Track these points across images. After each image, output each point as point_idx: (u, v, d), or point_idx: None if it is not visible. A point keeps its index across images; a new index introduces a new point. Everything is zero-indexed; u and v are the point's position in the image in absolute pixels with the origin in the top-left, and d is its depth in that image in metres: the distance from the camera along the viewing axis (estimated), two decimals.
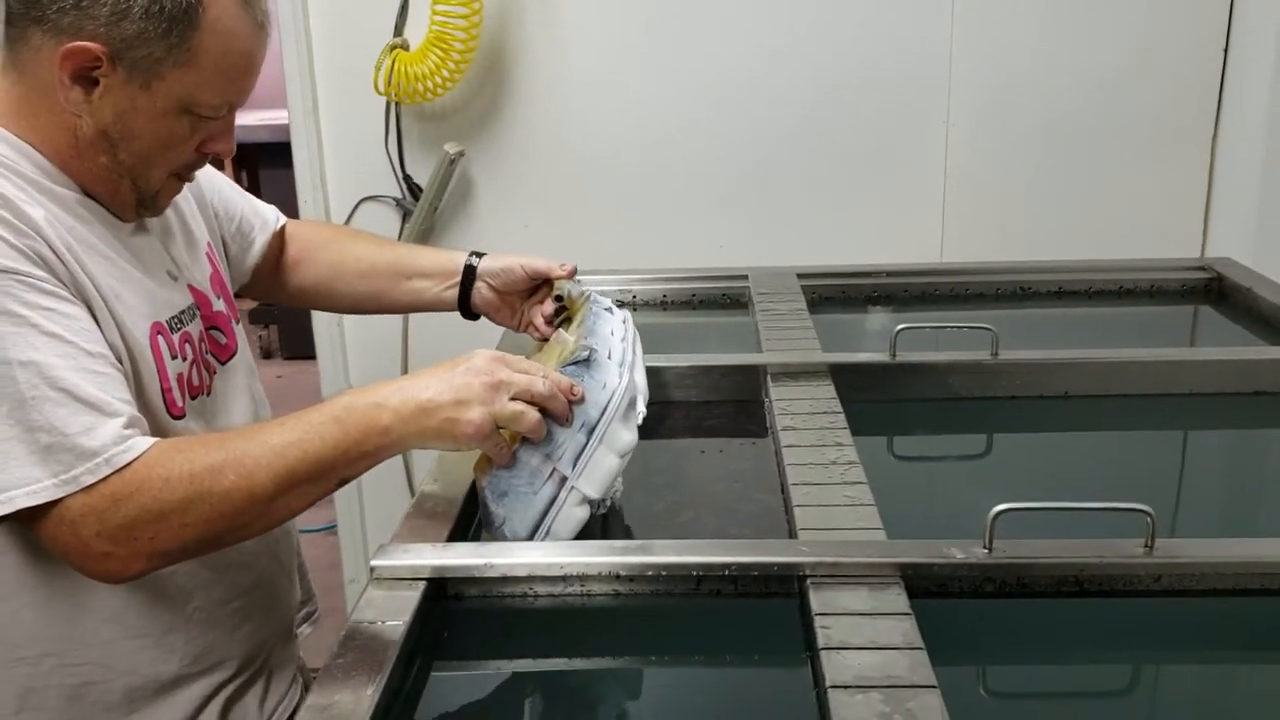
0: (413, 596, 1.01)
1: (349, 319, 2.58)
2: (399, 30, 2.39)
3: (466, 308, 1.47)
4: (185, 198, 1.26)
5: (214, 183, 1.37)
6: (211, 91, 1.07)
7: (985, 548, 1.01)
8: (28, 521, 0.98)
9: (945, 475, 1.45)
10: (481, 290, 1.45)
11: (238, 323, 1.29)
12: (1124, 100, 2.42)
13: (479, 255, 1.46)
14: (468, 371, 1.05)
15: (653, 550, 1.07)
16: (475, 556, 1.06)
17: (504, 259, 1.45)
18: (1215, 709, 1.00)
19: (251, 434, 1.04)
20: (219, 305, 1.25)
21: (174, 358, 1.12)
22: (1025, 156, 2.46)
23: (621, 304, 1.41)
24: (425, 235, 2.54)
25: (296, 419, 1.04)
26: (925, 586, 1.01)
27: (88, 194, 1.09)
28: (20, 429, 0.95)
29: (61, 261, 1.01)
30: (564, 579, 1.05)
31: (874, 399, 1.49)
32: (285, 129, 2.53)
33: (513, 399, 1.05)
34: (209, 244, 1.30)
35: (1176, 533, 1.16)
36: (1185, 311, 1.97)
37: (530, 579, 1.05)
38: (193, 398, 1.15)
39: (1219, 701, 1.01)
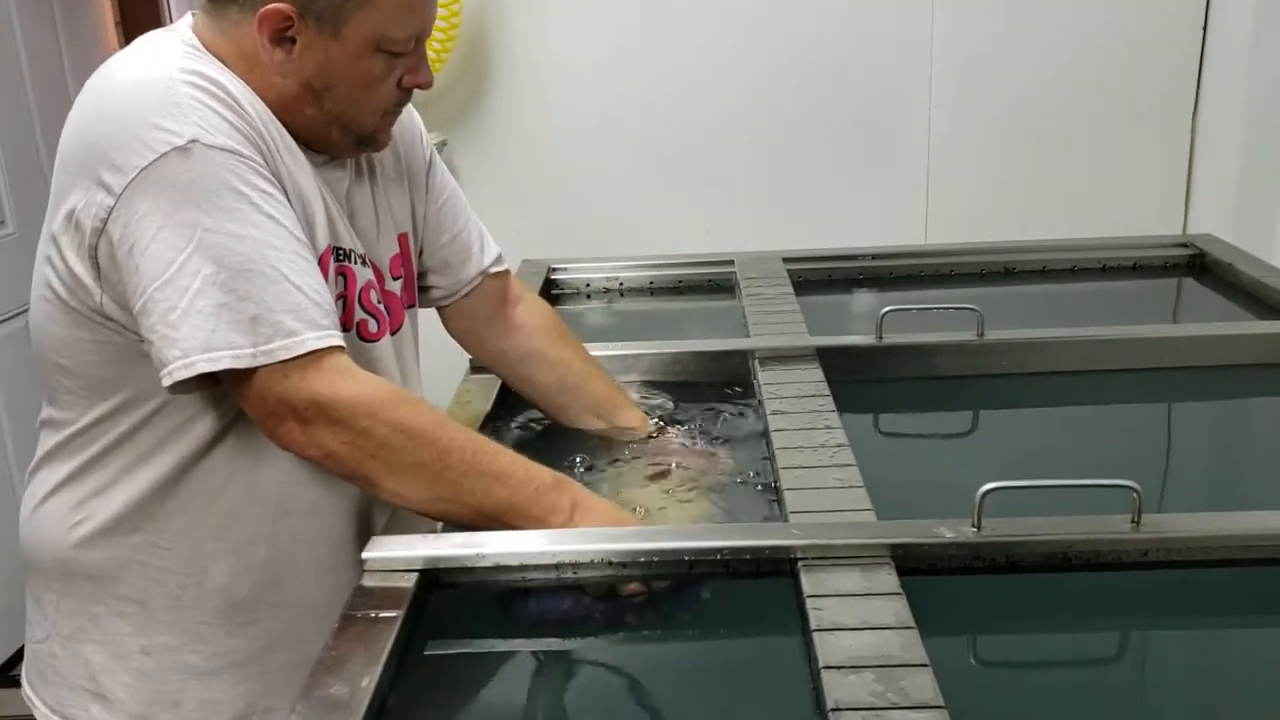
0: (406, 587, 1.01)
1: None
2: None
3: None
4: (387, 173, 1.27)
5: (448, 186, 1.38)
6: (396, 25, 1.10)
7: (974, 526, 1.02)
8: (233, 384, 1.03)
9: (933, 455, 1.46)
10: None
11: (409, 306, 1.30)
12: (1105, 80, 2.42)
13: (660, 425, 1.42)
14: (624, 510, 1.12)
15: (645, 536, 1.07)
16: (467, 546, 1.06)
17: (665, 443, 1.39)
18: (1201, 679, 1.01)
19: (469, 437, 1.09)
20: (393, 285, 1.26)
21: (333, 284, 1.14)
22: (1008, 137, 2.46)
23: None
24: None
25: (522, 464, 1.09)
26: (916, 566, 1.02)
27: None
28: (233, 297, 1.00)
29: (272, 155, 1.08)
30: (557, 566, 1.05)
31: (861, 381, 1.50)
32: None
33: None
34: (407, 234, 1.31)
35: (1162, 507, 1.17)
36: (1168, 287, 1.98)
37: (523, 567, 1.05)
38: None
39: (1205, 671, 1.02)
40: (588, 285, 1.97)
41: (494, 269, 1.41)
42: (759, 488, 1.24)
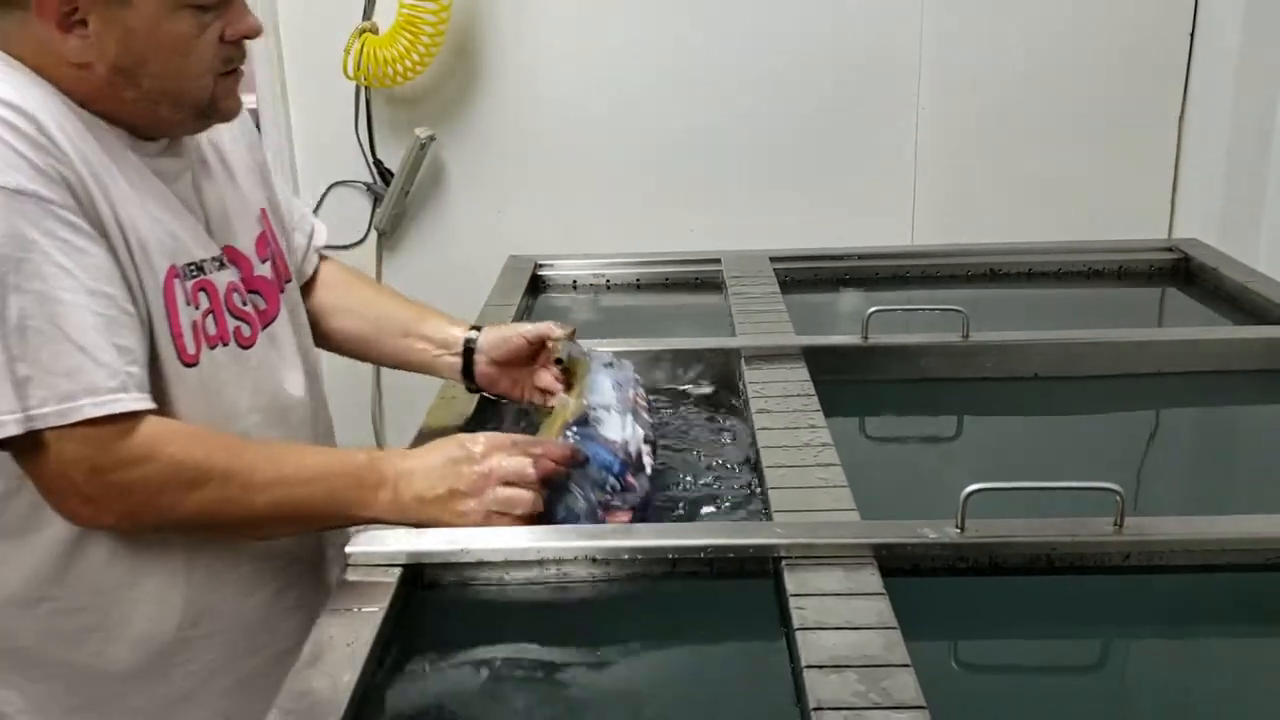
0: (389, 583, 1.01)
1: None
2: (368, 14, 2.37)
3: (471, 383, 1.40)
4: (236, 159, 1.23)
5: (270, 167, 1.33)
6: None
7: (958, 527, 1.02)
8: (16, 450, 0.98)
9: (918, 456, 1.46)
10: (482, 364, 1.38)
11: (285, 288, 1.25)
12: (1092, 82, 2.43)
13: (478, 329, 1.39)
14: (460, 461, 1.06)
15: (628, 533, 1.07)
16: (451, 542, 1.06)
17: (501, 330, 1.39)
18: (1182, 683, 1.02)
19: (271, 451, 1.06)
20: (262, 270, 1.21)
21: (188, 304, 1.08)
22: (996, 139, 2.47)
23: (621, 357, 1.39)
24: (397, 220, 2.53)
25: (316, 456, 1.07)
26: (899, 566, 1.02)
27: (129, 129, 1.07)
28: (5, 356, 0.94)
29: (85, 188, 0.99)
30: (540, 563, 1.05)
31: (847, 381, 1.50)
32: (254, 113, 2.51)
33: (507, 483, 1.06)
34: (264, 209, 1.26)
35: (1145, 511, 1.17)
36: (1153, 292, 1.99)
37: (506, 564, 1.05)
38: (210, 347, 1.11)
39: (1184, 676, 1.02)
40: (574, 282, 1.96)
41: (318, 238, 1.40)
42: (741, 487, 1.24)
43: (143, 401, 1.00)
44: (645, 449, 1.18)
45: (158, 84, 1.04)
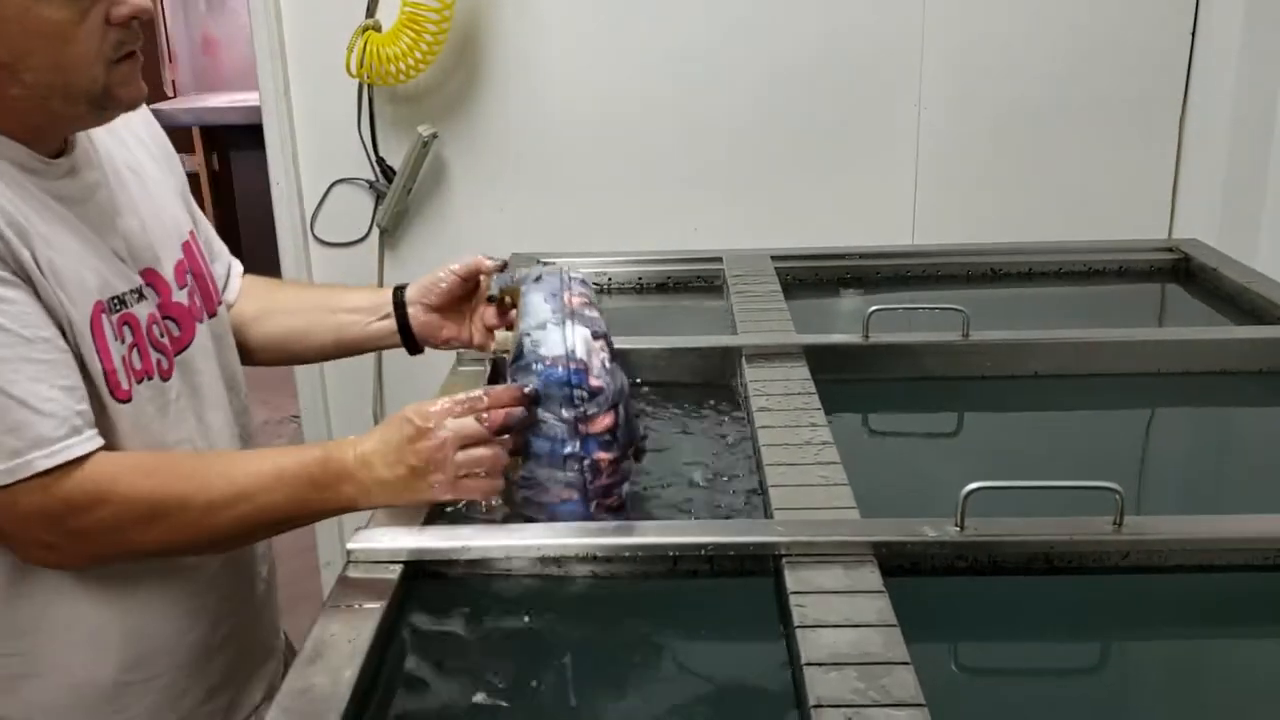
0: (390, 579, 1.01)
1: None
2: (371, 11, 2.37)
3: (412, 343, 1.36)
4: (156, 180, 1.19)
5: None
6: None
7: (957, 526, 1.03)
8: None
9: (918, 454, 1.47)
10: (417, 316, 1.33)
11: (211, 316, 1.22)
12: (1093, 83, 2.43)
13: (404, 286, 1.36)
14: (412, 439, 1.02)
15: (630, 531, 1.07)
16: (452, 539, 1.06)
17: (428, 276, 1.34)
18: (1181, 682, 1.02)
19: (223, 467, 1.05)
20: (179, 296, 1.17)
21: (116, 339, 1.06)
22: (996, 139, 2.47)
23: (549, 262, 1.32)
24: (399, 218, 2.53)
25: (269, 463, 1.04)
26: (898, 564, 1.02)
27: (20, 140, 1.01)
28: None
29: (4, 236, 0.96)
30: (541, 560, 1.05)
31: (847, 379, 1.50)
32: (256, 111, 2.51)
33: (464, 447, 1.03)
34: (191, 232, 1.23)
35: (1144, 510, 1.18)
36: (1153, 292, 1.99)
37: (507, 560, 1.05)
38: (138, 381, 1.09)
39: (1185, 675, 1.03)
40: None
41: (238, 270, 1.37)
42: (742, 484, 1.25)
43: (93, 440, 0.99)
44: (597, 345, 1.10)
45: (42, 77, 0.97)
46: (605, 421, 1.07)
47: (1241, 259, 1.91)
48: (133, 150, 1.19)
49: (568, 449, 1.07)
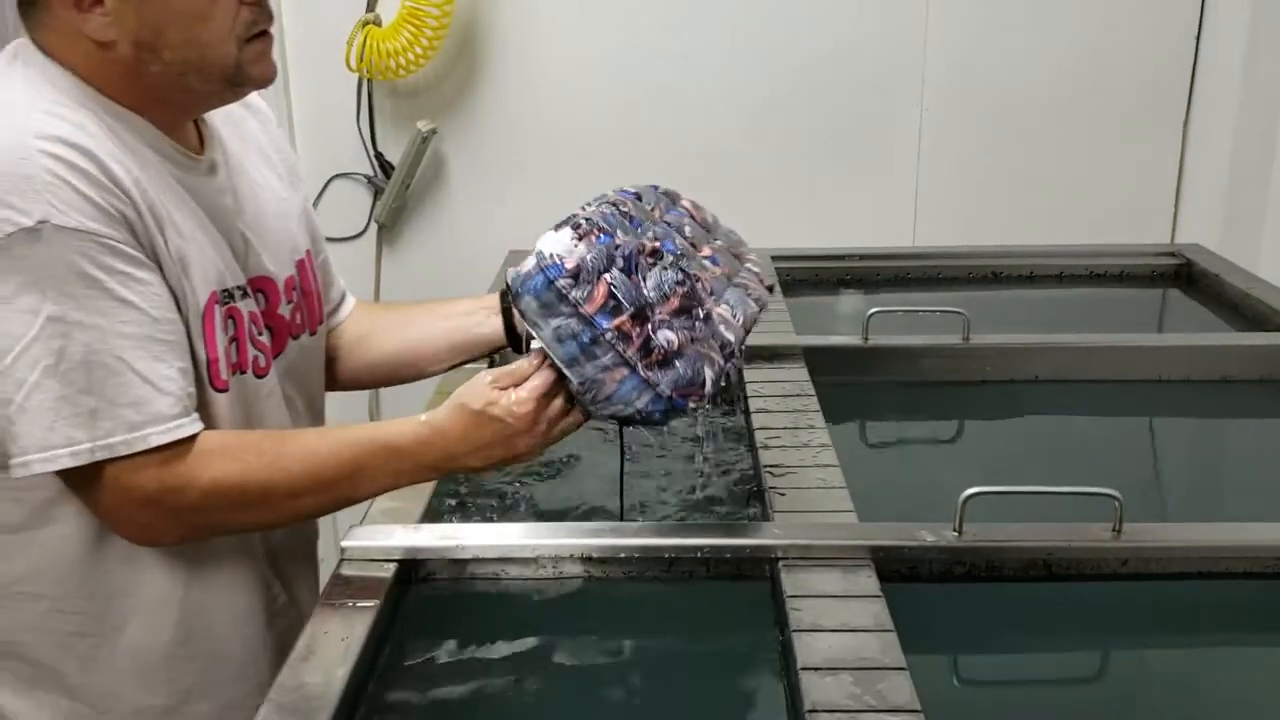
0: (384, 578, 1.00)
1: None
2: (371, 6, 2.37)
3: (518, 340, 1.31)
4: (276, 196, 1.22)
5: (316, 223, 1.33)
6: None
7: (955, 531, 1.02)
8: (74, 478, 1.00)
9: (917, 458, 1.46)
10: None
11: (309, 334, 1.24)
12: (1097, 87, 2.43)
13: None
14: (511, 435, 1.03)
15: (625, 532, 1.07)
16: (447, 538, 1.05)
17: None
18: (1179, 689, 1.01)
19: (305, 455, 1.06)
20: (284, 310, 1.20)
21: (222, 330, 1.10)
22: (998, 141, 2.47)
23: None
24: (397, 214, 2.53)
25: (351, 452, 1.05)
26: (896, 569, 1.02)
27: (159, 124, 1.07)
28: (73, 390, 0.96)
29: (143, 221, 1.01)
30: (536, 561, 1.04)
31: (846, 382, 1.50)
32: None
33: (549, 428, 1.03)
34: (308, 251, 1.26)
35: (1143, 517, 1.17)
36: (1154, 297, 1.99)
37: (502, 560, 1.05)
38: (234, 373, 1.12)
39: (1183, 682, 1.02)
40: None
41: (349, 304, 1.39)
42: (740, 483, 1.24)
43: (197, 423, 1.03)
44: (563, 232, 1.06)
45: (180, 54, 1.03)
46: (600, 292, 1.02)
47: (1244, 265, 1.91)
48: (262, 170, 1.23)
49: (586, 337, 1.02)
